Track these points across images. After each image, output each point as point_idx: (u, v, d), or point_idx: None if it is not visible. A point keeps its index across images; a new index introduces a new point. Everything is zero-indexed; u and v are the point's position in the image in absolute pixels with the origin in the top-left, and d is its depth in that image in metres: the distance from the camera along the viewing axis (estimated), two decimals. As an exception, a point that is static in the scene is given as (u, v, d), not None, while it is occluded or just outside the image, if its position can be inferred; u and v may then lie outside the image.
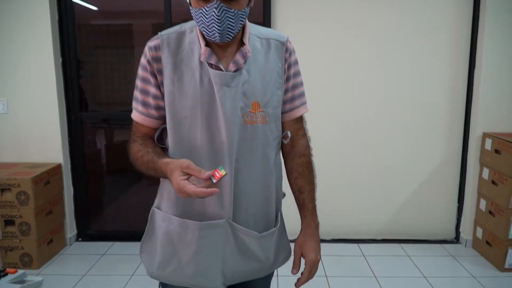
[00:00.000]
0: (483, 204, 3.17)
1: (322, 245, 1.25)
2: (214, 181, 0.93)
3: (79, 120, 3.37)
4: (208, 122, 1.12)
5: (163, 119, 1.19)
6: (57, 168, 3.19)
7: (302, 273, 1.24)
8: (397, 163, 3.36)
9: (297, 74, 1.26)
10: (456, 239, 3.45)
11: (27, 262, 2.93)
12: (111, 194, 3.78)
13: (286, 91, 1.23)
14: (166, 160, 1.04)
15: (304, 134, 1.31)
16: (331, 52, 3.23)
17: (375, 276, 2.87)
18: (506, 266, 2.93)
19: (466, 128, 3.30)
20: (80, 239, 3.49)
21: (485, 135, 3.16)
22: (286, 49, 1.21)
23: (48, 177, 3.06)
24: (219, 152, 1.13)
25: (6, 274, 0.90)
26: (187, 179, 0.97)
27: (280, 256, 1.32)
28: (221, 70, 1.11)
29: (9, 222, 2.91)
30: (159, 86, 1.15)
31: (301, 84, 1.27)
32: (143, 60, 1.16)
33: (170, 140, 1.17)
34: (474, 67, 3.19)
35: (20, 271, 0.92)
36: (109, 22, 3.36)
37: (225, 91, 1.10)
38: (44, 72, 3.14)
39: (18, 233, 2.90)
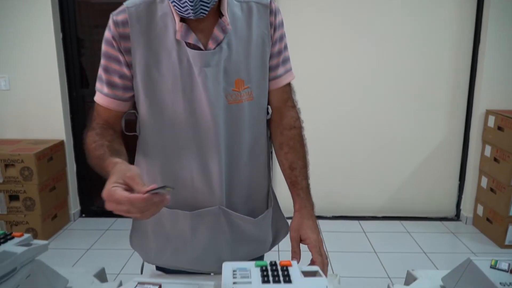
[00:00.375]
0: (484, 181, 3.18)
1: (322, 222, 1.16)
2: (154, 190, 0.76)
3: (81, 96, 3.37)
4: (191, 106, 1.02)
5: (131, 101, 1.07)
6: (60, 144, 3.21)
7: (311, 261, 1.03)
8: (398, 141, 3.37)
9: (282, 37, 1.12)
10: (457, 217, 3.47)
11: (32, 236, 2.96)
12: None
13: (270, 57, 1.10)
14: (116, 160, 0.88)
15: (293, 105, 1.17)
16: (331, 29, 3.21)
17: (375, 252, 2.90)
18: (507, 242, 2.95)
19: (469, 105, 3.29)
20: (83, 215, 3.53)
21: (488, 112, 3.15)
22: (271, 11, 1.08)
23: (51, 153, 3.07)
24: (205, 137, 1.04)
25: (12, 238, 0.91)
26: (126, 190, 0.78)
27: (279, 233, 1.25)
28: (200, 49, 0.99)
29: (13, 197, 2.94)
30: (128, 65, 1.02)
31: (285, 48, 1.14)
32: (107, 34, 1.01)
33: (148, 129, 1.06)
34: (478, 44, 3.16)
35: (26, 235, 0.93)
36: (109, 0, 3.32)
37: (206, 73, 0.99)
38: (45, 49, 3.12)
39: (22, 208, 2.94)
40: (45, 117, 3.22)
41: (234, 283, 0.74)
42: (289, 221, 1.19)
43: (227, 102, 1.03)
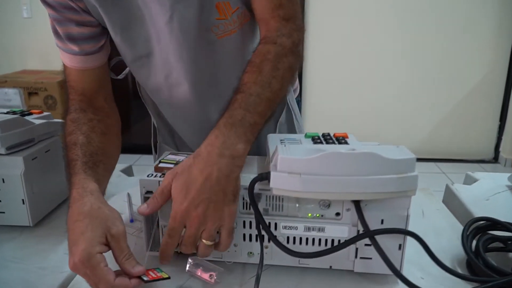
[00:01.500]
0: (529, 120, 2.98)
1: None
2: (145, 279, 0.57)
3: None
4: (169, 62, 0.77)
5: (107, 49, 0.80)
6: (84, 76, 3.13)
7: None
8: (435, 78, 3.16)
9: None
10: (495, 159, 3.30)
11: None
12: (138, 112, 3.74)
13: None
14: (90, 185, 0.61)
15: (287, 18, 0.71)
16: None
17: (409, 190, 2.78)
18: (549, 184, 2.79)
19: (517, 38, 3.04)
20: (108, 150, 3.49)
21: (538, 45, 2.90)
22: None
23: (75, 83, 3.01)
24: (197, 92, 0.81)
25: (30, 114, 0.82)
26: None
27: None
28: None
29: (38, 127, 2.91)
30: (84, 11, 0.73)
31: None
32: None
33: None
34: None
35: (45, 113, 0.84)
36: None
37: (180, 11, 0.70)
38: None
39: (47, 138, 2.91)
40: (67, 47, 3.13)
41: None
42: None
43: (216, 38, 0.75)
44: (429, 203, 0.89)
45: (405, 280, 0.54)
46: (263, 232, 0.60)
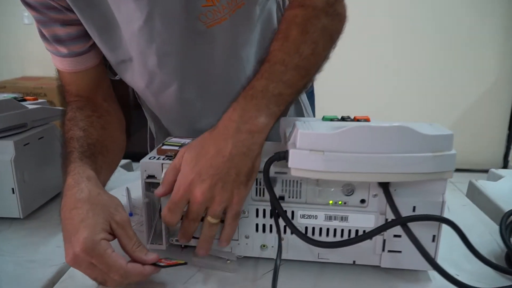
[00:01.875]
0: (538, 129, 2.92)
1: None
2: (162, 264, 0.51)
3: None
4: (152, 65, 0.70)
5: (96, 50, 0.72)
6: (85, 82, 3.09)
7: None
8: (442, 86, 3.11)
9: None
10: (504, 169, 3.23)
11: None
12: (140, 120, 3.70)
13: None
14: (87, 171, 0.56)
15: None
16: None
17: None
18: (560, 194, 2.71)
19: (525, 45, 2.99)
20: (109, 158, 3.44)
21: (547, 52, 2.86)
22: None
23: (75, 89, 2.97)
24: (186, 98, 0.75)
25: (24, 100, 0.76)
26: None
27: None
28: None
29: (37, 133, 2.86)
30: (67, 9, 0.66)
31: None
32: None
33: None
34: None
35: (40, 100, 0.78)
36: None
37: (161, 4, 0.63)
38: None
39: (46, 145, 2.85)
40: (69, 53, 3.10)
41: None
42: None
43: (205, 27, 0.66)
44: (453, 198, 0.83)
45: (444, 273, 0.47)
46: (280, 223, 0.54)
